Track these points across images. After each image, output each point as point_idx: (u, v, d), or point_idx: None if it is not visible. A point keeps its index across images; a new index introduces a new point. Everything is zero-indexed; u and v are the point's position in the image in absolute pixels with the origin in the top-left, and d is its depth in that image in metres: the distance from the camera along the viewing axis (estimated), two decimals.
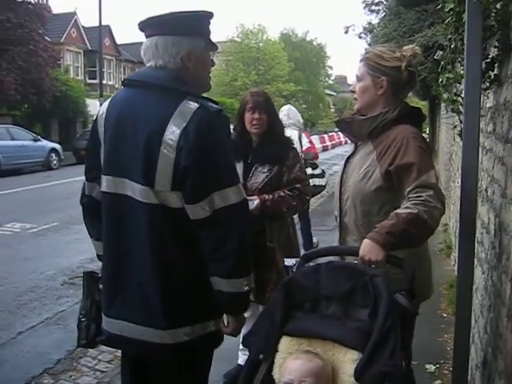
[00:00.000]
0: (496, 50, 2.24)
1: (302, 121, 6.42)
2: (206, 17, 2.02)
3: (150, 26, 1.98)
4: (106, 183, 1.98)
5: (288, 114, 6.10)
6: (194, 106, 1.84)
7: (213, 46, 2.06)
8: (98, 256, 2.21)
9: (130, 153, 1.89)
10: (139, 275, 1.92)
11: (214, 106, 1.90)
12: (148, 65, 1.99)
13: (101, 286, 2.12)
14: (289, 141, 3.43)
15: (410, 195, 2.07)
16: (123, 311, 1.96)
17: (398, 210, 2.04)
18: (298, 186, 3.21)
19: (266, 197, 3.14)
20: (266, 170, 3.21)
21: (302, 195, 3.24)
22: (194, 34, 1.96)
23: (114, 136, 1.95)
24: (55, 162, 18.72)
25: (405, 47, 2.35)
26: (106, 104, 2.06)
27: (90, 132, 2.15)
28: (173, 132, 1.81)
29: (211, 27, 2.04)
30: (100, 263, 2.14)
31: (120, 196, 1.93)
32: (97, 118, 2.06)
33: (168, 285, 1.89)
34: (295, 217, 5.37)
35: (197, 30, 1.97)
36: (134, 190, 1.88)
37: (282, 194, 3.17)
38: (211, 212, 1.81)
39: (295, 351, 1.85)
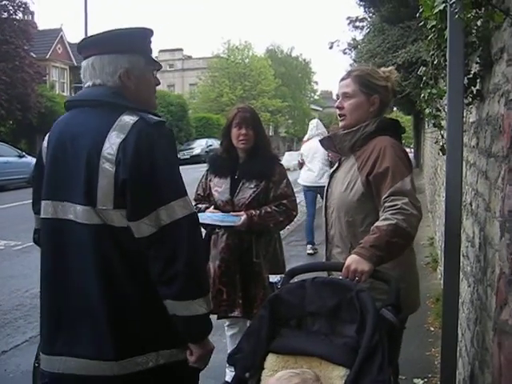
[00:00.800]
0: (477, 65, 2.28)
1: (326, 131, 7.69)
2: (144, 33, 1.93)
3: (85, 46, 1.89)
4: (44, 208, 1.85)
5: (317, 125, 7.78)
6: (133, 118, 1.75)
7: (155, 64, 1.97)
8: None
9: (69, 174, 1.78)
10: (85, 303, 1.77)
11: (155, 118, 1.80)
12: (86, 85, 1.89)
13: None
14: (275, 157, 3.45)
15: (385, 204, 2.12)
16: (68, 346, 1.78)
17: (378, 223, 2.08)
18: (284, 201, 3.22)
19: (253, 212, 3.14)
20: (252, 186, 3.21)
21: (289, 211, 3.24)
22: (132, 52, 1.86)
23: (53, 158, 1.85)
24: None
25: (382, 68, 2.50)
26: (49, 132, 1.95)
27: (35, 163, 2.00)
28: (111, 146, 1.71)
29: (152, 45, 1.96)
30: None
31: (60, 221, 1.80)
32: (41, 148, 1.96)
33: (117, 311, 1.74)
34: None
35: (134, 48, 1.87)
36: (76, 212, 1.76)
37: (269, 209, 3.18)
38: (157, 229, 1.69)
39: (281, 369, 1.83)
